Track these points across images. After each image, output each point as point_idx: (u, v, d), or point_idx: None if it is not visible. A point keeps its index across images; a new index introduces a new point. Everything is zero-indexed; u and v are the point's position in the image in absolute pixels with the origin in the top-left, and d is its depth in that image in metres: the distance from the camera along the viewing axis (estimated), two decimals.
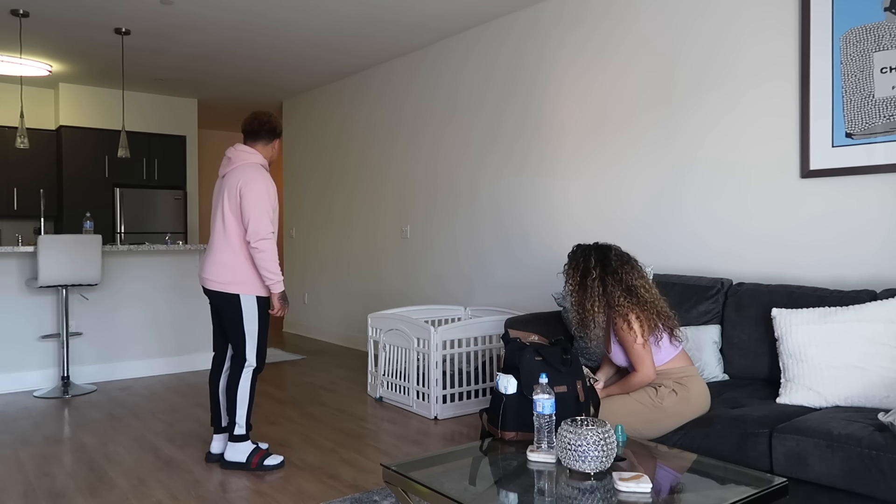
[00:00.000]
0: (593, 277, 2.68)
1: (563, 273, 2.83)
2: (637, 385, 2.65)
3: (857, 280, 3.08)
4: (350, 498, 2.83)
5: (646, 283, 2.72)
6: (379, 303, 6.38)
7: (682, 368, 2.69)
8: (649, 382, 2.65)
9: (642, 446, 2.30)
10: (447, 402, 4.16)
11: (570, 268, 2.78)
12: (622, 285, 2.66)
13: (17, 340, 4.98)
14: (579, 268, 2.74)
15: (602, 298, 2.66)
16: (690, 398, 2.60)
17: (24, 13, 4.92)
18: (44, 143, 7.24)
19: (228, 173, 3.20)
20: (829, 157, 3.15)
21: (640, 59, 4.01)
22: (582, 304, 2.70)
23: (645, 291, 2.68)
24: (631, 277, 2.69)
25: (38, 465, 3.32)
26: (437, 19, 5.06)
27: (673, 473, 2.08)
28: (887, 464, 2.05)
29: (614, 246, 2.78)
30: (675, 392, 2.59)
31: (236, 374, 3.21)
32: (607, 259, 2.71)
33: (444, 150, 5.56)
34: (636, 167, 4.05)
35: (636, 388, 2.65)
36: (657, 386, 2.63)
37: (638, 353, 2.64)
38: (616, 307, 2.65)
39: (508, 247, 4.95)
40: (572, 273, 2.76)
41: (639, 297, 2.66)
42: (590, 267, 2.70)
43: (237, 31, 5.39)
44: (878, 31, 2.98)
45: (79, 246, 4.80)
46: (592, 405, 2.54)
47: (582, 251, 2.78)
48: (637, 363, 2.65)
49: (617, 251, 2.76)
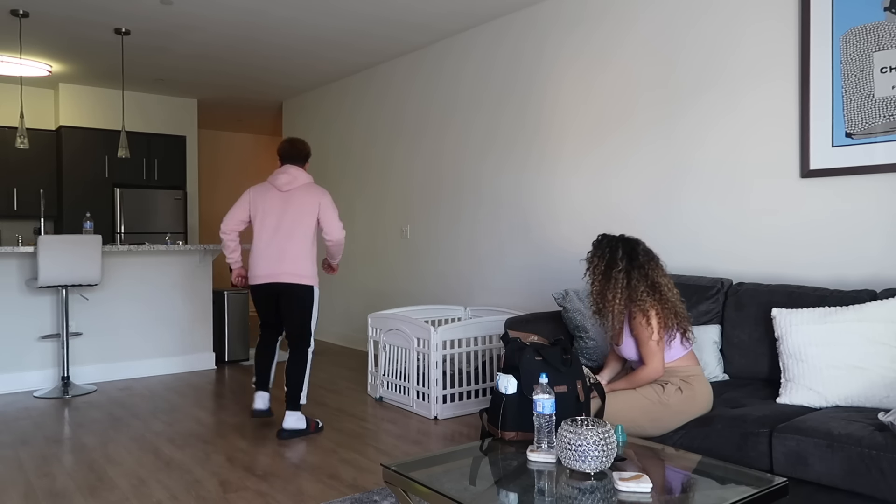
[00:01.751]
0: (619, 269, 2.68)
1: (585, 260, 2.83)
2: (644, 380, 2.65)
3: (857, 280, 3.08)
4: (350, 498, 2.83)
5: (669, 282, 2.74)
6: (379, 303, 6.38)
7: (689, 367, 2.70)
8: (656, 378, 2.66)
9: (642, 446, 2.30)
10: (447, 402, 4.16)
11: (594, 256, 2.78)
12: (647, 281, 2.68)
13: (17, 340, 4.98)
14: (605, 257, 2.74)
15: (625, 291, 2.67)
16: (695, 397, 2.61)
17: (24, 13, 4.92)
18: (44, 143, 7.24)
19: (294, 189, 3.85)
20: (829, 157, 3.15)
21: (640, 59, 4.01)
22: (603, 294, 2.71)
23: (668, 290, 2.70)
24: (656, 274, 2.71)
25: (38, 465, 3.32)
26: (437, 19, 5.06)
27: (673, 473, 2.08)
28: (887, 464, 2.05)
29: (641, 241, 2.79)
30: (681, 390, 2.61)
31: (302, 357, 3.83)
32: (634, 253, 2.72)
33: (444, 150, 5.56)
34: (636, 167, 4.05)
35: (643, 383, 2.66)
36: (663, 383, 2.64)
37: (651, 348, 2.65)
38: (638, 301, 2.65)
39: (509, 246, 4.95)
40: (597, 262, 2.76)
41: (661, 295, 2.68)
42: (616, 258, 2.71)
43: (237, 31, 5.39)
44: (878, 30, 2.98)
45: (79, 246, 4.80)
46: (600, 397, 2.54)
47: (608, 241, 2.78)
48: (648, 358, 2.66)
49: (644, 247, 2.77)
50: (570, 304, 3.41)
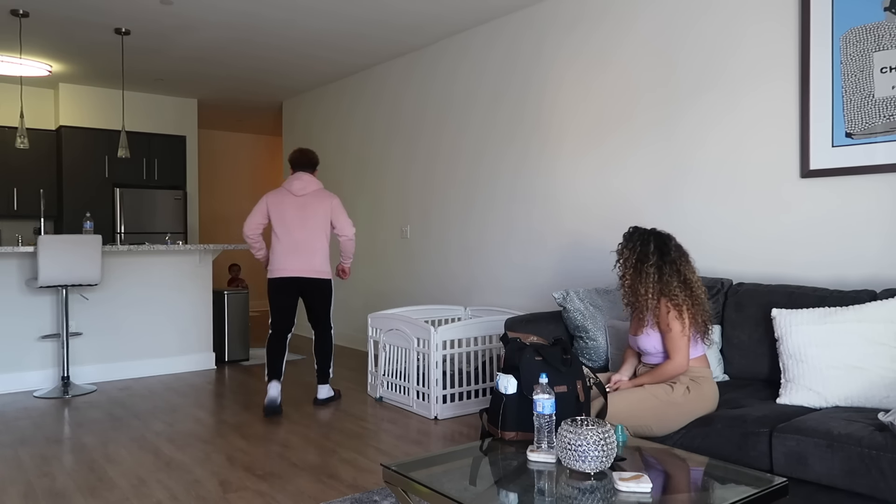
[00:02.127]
0: (650, 263, 2.68)
1: (615, 251, 2.83)
2: (669, 374, 2.65)
3: (857, 280, 3.08)
4: (350, 498, 2.83)
5: (699, 280, 2.74)
6: (379, 303, 6.38)
7: (700, 368, 2.71)
8: (681, 373, 2.66)
9: (642, 446, 2.30)
10: (447, 402, 4.16)
11: (625, 248, 2.78)
12: (680, 276, 2.68)
13: (17, 340, 4.98)
14: (636, 251, 2.73)
15: (656, 285, 2.67)
16: (702, 397, 2.61)
17: (24, 13, 4.92)
18: (44, 143, 7.24)
19: (309, 194, 4.35)
20: (829, 157, 3.15)
21: (640, 60, 4.01)
22: (634, 288, 2.71)
23: (697, 287, 2.71)
24: (687, 271, 2.71)
25: (38, 465, 3.32)
26: (434, 20, 5.06)
27: (673, 473, 2.08)
28: (887, 464, 2.05)
29: (672, 236, 2.79)
30: (689, 390, 2.61)
31: (328, 338, 4.47)
32: (666, 248, 2.72)
33: (443, 150, 5.56)
34: (636, 167, 4.05)
35: (669, 377, 2.65)
36: (672, 383, 2.64)
37: (679, 343, 2.65)
38: (672, 296, 2.65)
39: (509, 246, 4.95)
40: (628, 255, 2.75)
41: (692, 291, 2.69)
42: (648, 252, 2.71)
43: (237, 32, 5.39)
44: (878, 30, 2.98)
45: (79, 246, 4.80)
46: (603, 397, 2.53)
47: (640, 235, 2.77)
48: (674, 352, 2.66)
49: (675, 242, 2.77)
50: (570, 304, 3.41)
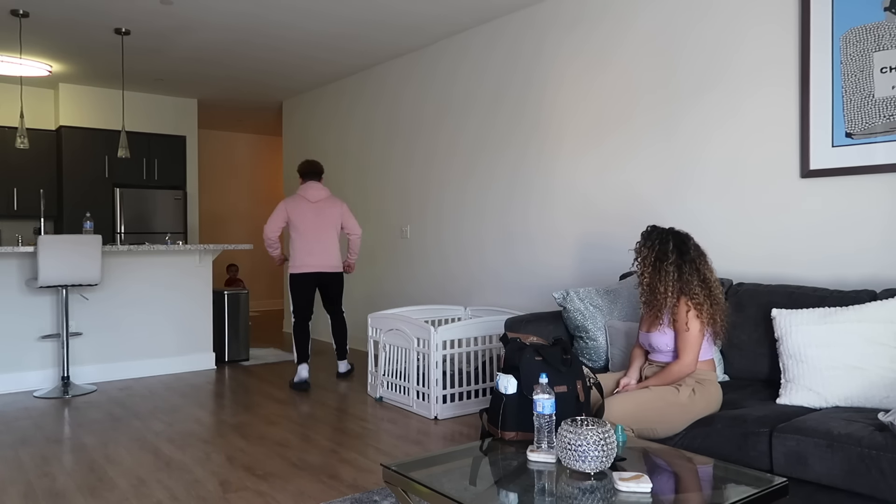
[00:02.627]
0: (669, 262, 2.68)
1: (633, 250, 2.83)
2: (677, 375, 2.64)
3: (857, 280, 3.08)
4: (350, 498, 2.83)
5: (717, 280, 2.74)
6: (379, 303, 6.38)
7: (707, 371, 2.71)
8: (688, 374, 2.66)
9: (642, 446, 2.30)
10: (447, 402, 4.16)
11: (643, 247, 2.77)
12: (699, 275, 2.68)
13: (17, 340, 4.98)
14: (654, 249, 2.73)
15: (676, 284, 2.67)
16: (707, 399, 2.61)
17: (24, 13, 4.92)
18: (44, 143, 7.24)
19: (322, 200, 5.10)
20: (829, 157, 3.15)
21: (640, 61, 4.01)
22: (653, 287, 2.70)
23: (716, 287, 2.71)
24: (706, 270, 2.71)
25: (38, 465, 3.32)
26: (434, 20, 5.06)
27: (673, 473, 2.08)
28: (887, 464, 2.05)
29: (691, 236, 2.79)
30: (695, 392, 2.60)
31: (342, 321, 5.29)
32: (685, 247, 2.72)
33: (443, 150, 5.56)
34: (636, 167, 4.05)
35: (676, 379, 2.65)
36: (678, 385, 2.63)
37: (691, 342, 2.65)
38: (692, 296, 2.65)
39: (509, 246, 4.95)
40: (646, 253, 2.75)
41: (711, 291, 2.69)
42: (667, 251, 2.71)
43: (237, 32, 5.39)
44: (878, 30, 2.98)
45: (79, 246, 4.80)
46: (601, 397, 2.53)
47: (658, 233, 2.77)
48: (684, 352, 2.65)
49: (694, 242, 2.77)
50: (570, 304, 3.41)
